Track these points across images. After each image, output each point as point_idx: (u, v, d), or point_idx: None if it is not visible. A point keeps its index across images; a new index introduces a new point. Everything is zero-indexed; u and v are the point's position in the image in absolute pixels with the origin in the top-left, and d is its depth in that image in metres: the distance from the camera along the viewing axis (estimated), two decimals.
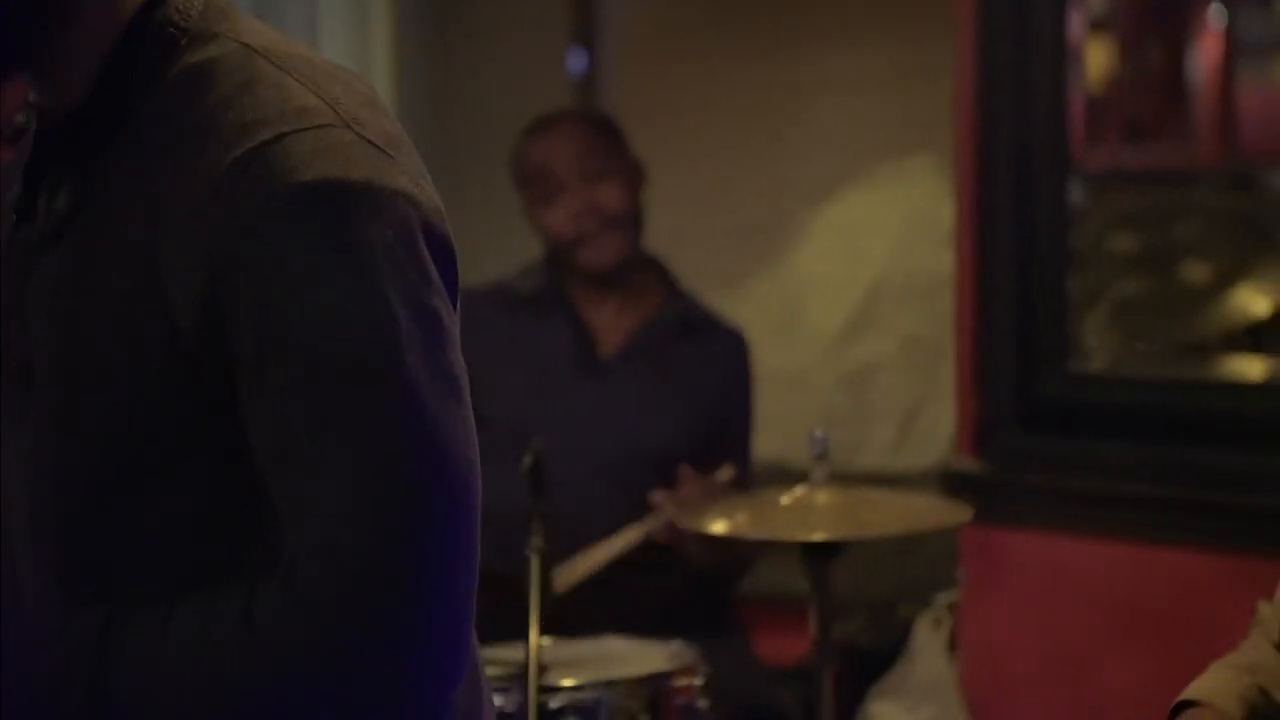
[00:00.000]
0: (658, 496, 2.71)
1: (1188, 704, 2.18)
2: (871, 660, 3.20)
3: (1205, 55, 6.13)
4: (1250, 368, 3.14)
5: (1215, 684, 2.17)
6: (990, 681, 2.97)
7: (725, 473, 2.86)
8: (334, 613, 1.23)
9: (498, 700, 2.38)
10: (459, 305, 3.26)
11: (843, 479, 2.88)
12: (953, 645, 3.04)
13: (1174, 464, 2.77)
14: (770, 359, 3.46)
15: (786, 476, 3.09)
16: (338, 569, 1.23)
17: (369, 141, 1.29)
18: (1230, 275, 3.62)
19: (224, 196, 1.25)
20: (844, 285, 4.21)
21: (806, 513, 2.51)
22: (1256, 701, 2.13)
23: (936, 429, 3.89)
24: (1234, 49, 6.05)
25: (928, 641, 3.05)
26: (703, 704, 2.45)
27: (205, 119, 1.28)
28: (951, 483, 2.96)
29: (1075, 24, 2.85)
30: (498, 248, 3.93)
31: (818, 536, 2.45)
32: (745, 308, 3.85)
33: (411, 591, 1.23)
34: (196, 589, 1.29)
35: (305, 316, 1.24)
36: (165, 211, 1.27)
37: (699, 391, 3.02)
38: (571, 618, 2.68)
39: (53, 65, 1.33)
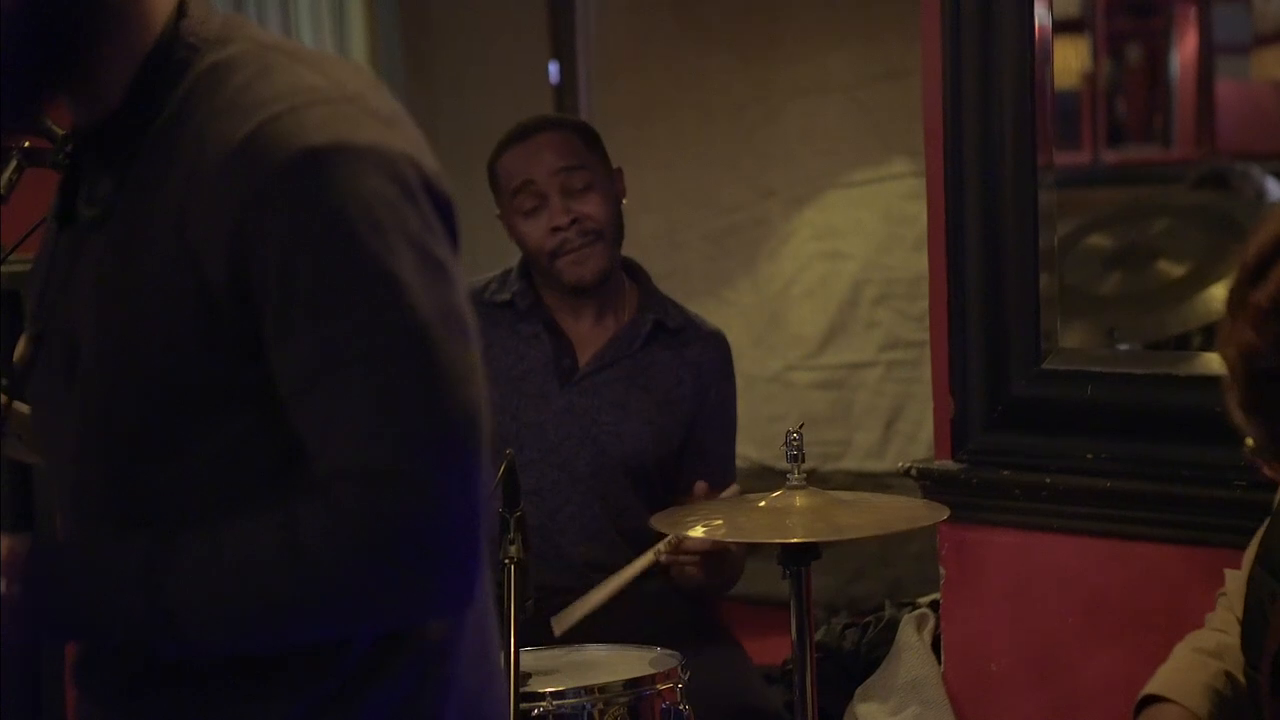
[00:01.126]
0: (657, 521, 2.65)
1: (1152, 698, 2.20)
2: (857, 661, 3.22)
3: (1184, 54, 6.16)
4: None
5: (1181, 674, 2.19)
6: (973, 679, 2.99)
7: (730, 490, 2.87)
8: (375, 524, 1.34)
9: None
10: None
11: (824, 481, 2.91)
12: (937, 644, 3.05)
13: (1147, 459, 2.78)
14: (751, 363, 3.49)
15: (768, 479, 3.12)
16: (374, 485, 1.34)
17: (372, 112, 1.42)
18: (1206, 272, 3.65)
19: (242, 162, 1.38)
20: (824, 288, 4.23)
21: (784, 515, 2.52)
22: (1224, 691, 2.15)
23: (919, 430, 3.92)
24: (1210, 47, 6.09)
25: (911, 641, 3.06)
26: (685, 708, 2.46)
27: (225, 103, 1.42)
28: (928, 482, 2.98)
29: (1042, 23, 2.86)
30: (478, 258, 3.94)
31: (795, 539, 2.47)
32: (726, 312, 3.88)
33: (442, 501, 1.35)
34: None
35: (320, 265, 1.36)
36: (191, 184, 1.40)
37: (674, 396, 3.01)
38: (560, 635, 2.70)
39: (91, 79, 1.47)
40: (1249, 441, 1.62)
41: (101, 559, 1.40)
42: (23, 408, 1.61)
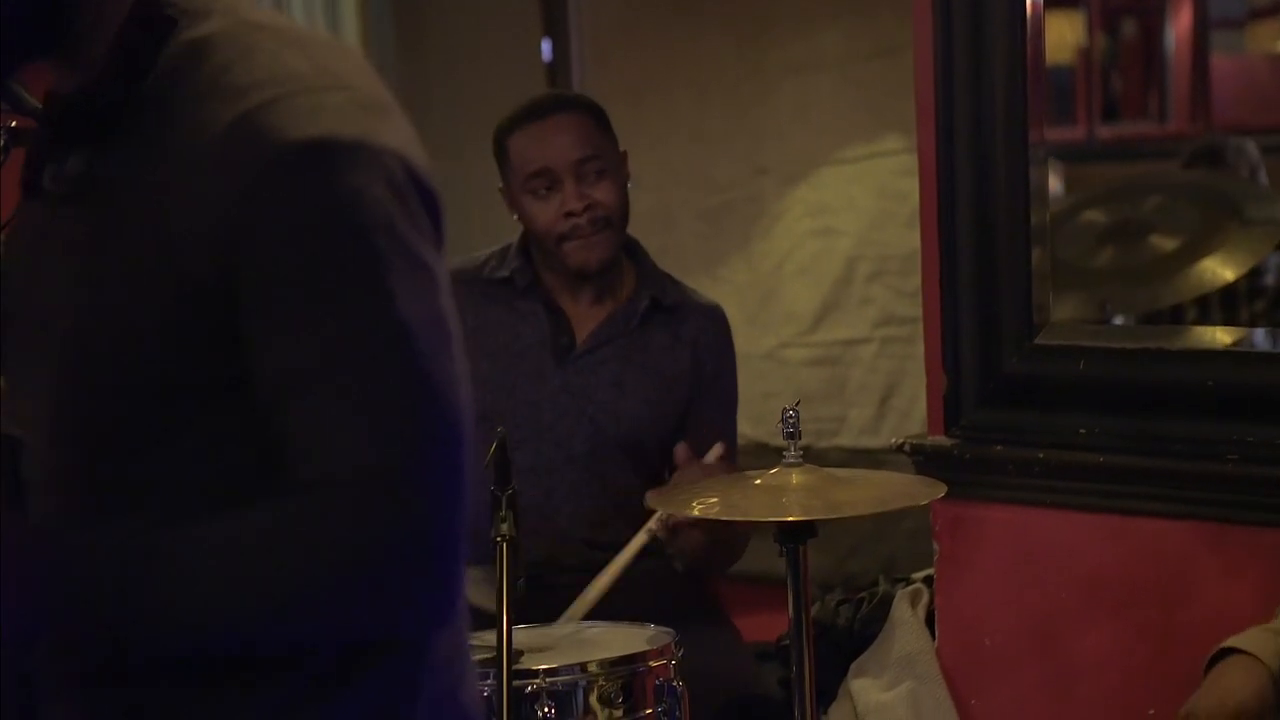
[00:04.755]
0: (651, 497, 2.65)
1: (1229, 651, 2.23)
2: (851, 636, 3.22)
3: (1179, 28, 6.15)
4: (1217, 336, 3.16)
5: (1253, 637, 2.24)
6: (967, 654, 3.00)
7: (715, 451, 2.87)
8: (357, 533, 1.32)
9: None
10: None
11: (820, 458, 2.90)
12: (931, 620, 3.05)
13: (1141, 433, 2.79)
14: (745, 340, 3.48)
15: (764, 456, 3.12)
16: (357, 492, 1.32)
17: (359, 103, 1.39)
18: (1198, 246, 3.65)
19: (224, 156, 1.34)
20: (817, 265, 4.22)
21: (780, 493, 2.51)
22: None
23: (913, 406, 3.92)
24: (1205, 22, 6.08)
25: (905, 617, 3.06)
26: (679, 685, 2.47)
27: (205, 85, 1.38)
28: (921, 458, 2.98)
29: None
30: (472, 235, 3.94)
31: (791, 517, 2.46)
32: (719, 290, 3.87)
33: (425, 513, 1.33)
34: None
35: (305, 266, 1.33)
36: (171, 171, 1.37)
37: (672, 373, 3.01)
38: (553, 611, 2.71)
39: (67, 49, 1.44)
40: None
41: (75, 550, 1.36)
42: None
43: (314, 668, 1.41)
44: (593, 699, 2.39)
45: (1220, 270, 3.58)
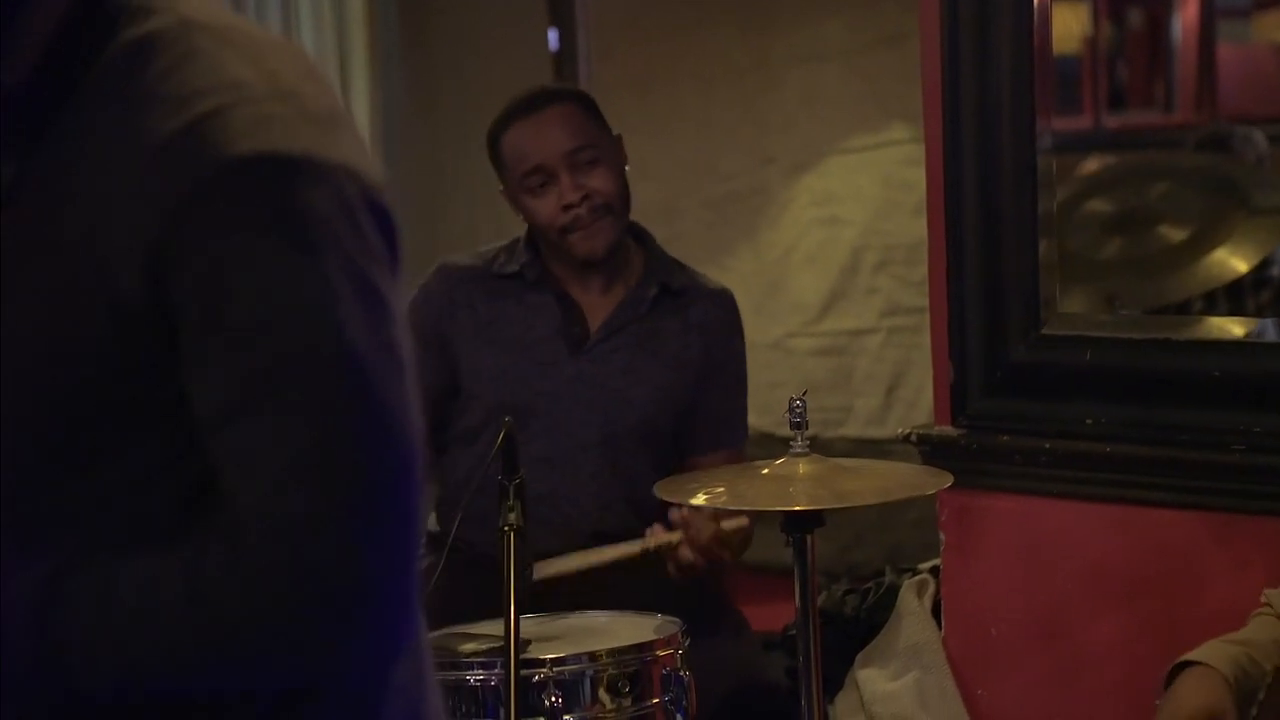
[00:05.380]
0: (660, 488, 2.61)
1: (1187, 664, 2.29)
2: (857, 626, 3.23)
3: (1185, 17, 6.14)
4: (1224, 326, 3.16)
5: (1210, 649, 2.29)
6: (974, 644, 3.00)
7: (733, 523, 2.84)
8: (285, 576, 1.24)
9: (480, 676, 2.41)
10: (441, 281, 3.22)
11: (827, 448, 2.90)
12: (937, 609, 3.06)
13: (1147, 423, 2.79)
14: (751, 330, 3.47)
15: (770, 446, 3.12)
16: (290, 533, 1.23)
17: (307, 115, 1.29)
18: (1207, 236, 3.64)
19: (161, 170, 1.25)
20: (823, 255, 4.23)
21: (787, 483, 2.51)
22: (1245, 664, 2.27)
23: (919, 396, 3.92)
24: (1212, 11, 6.06)
25: (912, 606, 3.07)
26: (685, 674, 2.47)
27: (143, 92, 1.28)
28: (927, 448, 2.98)
29: None
30: (477, 229, 3.95)
31: (798, 506, 2.47)
32: (725, 279, 3.83)
33: (364, 558, 1.24)
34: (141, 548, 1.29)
35: (245, 289, 1.24)
36: (105, 184, 1.27)
37: (682, 359, 3.02)
38: (560, 600, 2.71)
39: (4, 44, 1.32)
40: None
41: None
42: None
43: (257, 707, 1.33)
44: (600, 688, 2.40)
45: (1232, 262, 3.57)
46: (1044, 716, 2.93)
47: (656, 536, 2.80)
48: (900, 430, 3.08)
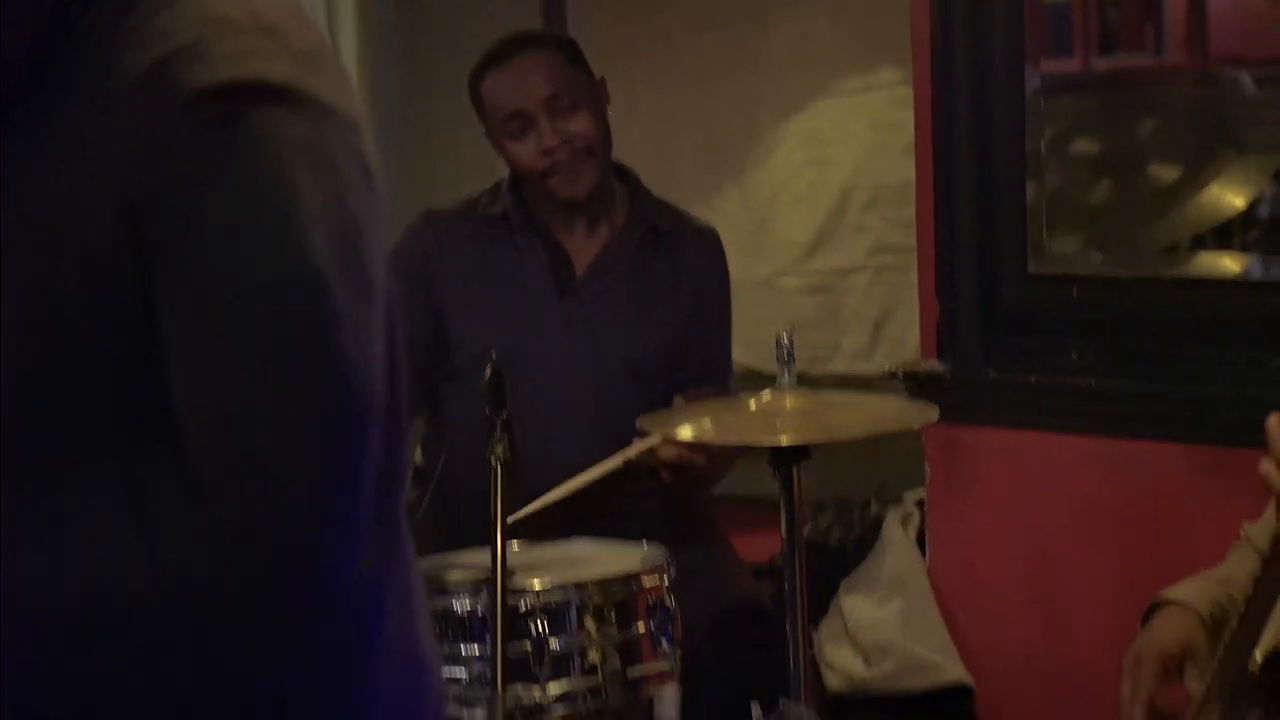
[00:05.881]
0: (643, 420, 2.67)
1: (1166, 602, 2.31)
2: (842, 556, 3.25)
3: None
4: (1216, 262, 3.16)
5: (1186, 586, 2.31)
6: (958, 574, 3.03)
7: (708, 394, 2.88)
8: (235, 513, 1.23)
9: (467, 603, 2.42)
10: (426, 225, 3.22)
11: (813, 384, 2.92)
12: (921, 540, 3.08)
13: (1133, 357, 2.80)
14: (740, 269, 3.48)
15: (758, 383, 3.13)
16: (244, 472, 1.23)
17: (290, 49, 1.29)
18: (1198, 175, 3.64)
19: (140, 101, 1.24)
20: (812, 195, 4.22)
21: (774, 417, 2.52)
22: (1224, 603, 2.28)
23: (906, 333, 3.92)
24: None
25: (896, 537, 3.09)
26: (671, 604, 2.48)
27: (127, 32, 1.28)
28: (913, 384, 3.00)
29: None
30: (469, 179, 3.93)
31: (785, 440, 2.47)
32: (714, 220, 3.84)
33: (310, 495, 1.23)
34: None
35: (219, 220, 1.24)
36: (84, 123, 1.27)
37: (671, 300, 3.04)
38: (546, 531, 2.73)
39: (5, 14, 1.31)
40: None
41: None
42: None
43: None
44: (586, 616, 2.41)
45: (1228, 197, 3.56)
46: (1026, 645, 2.96)
47: (635, 446, 2.81)
48: (887, 366, 3.09)
